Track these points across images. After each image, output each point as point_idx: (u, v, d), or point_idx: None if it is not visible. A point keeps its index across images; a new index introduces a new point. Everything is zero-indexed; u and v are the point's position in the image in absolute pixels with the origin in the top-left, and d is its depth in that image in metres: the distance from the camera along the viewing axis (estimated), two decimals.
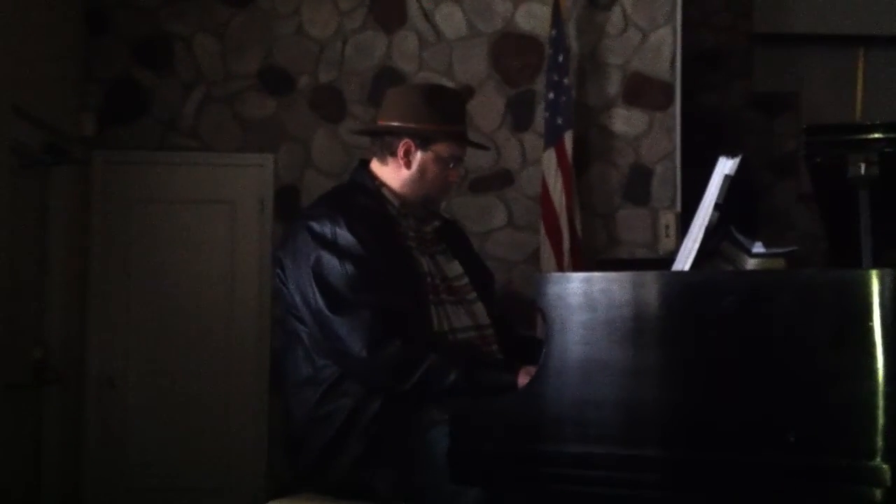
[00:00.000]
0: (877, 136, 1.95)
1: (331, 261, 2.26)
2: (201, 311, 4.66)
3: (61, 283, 4.40)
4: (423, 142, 2.41)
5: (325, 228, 2.29)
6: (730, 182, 1.99)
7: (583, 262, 4.43)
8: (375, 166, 2.48)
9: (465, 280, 2.44)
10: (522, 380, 2.10)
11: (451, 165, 2.43)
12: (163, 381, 4.64)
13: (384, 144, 2.45)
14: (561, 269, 4.38)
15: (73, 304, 4.53)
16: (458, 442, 1.94)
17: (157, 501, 4.57)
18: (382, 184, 2.44)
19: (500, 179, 4.74)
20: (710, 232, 1.99)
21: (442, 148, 2.41)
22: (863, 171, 1.92)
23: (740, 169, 2.03)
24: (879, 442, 1.66)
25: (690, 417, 1.82)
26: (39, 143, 4.23)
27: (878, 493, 1.64)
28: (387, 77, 4.68)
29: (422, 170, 2.41)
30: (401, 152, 2.41)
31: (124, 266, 4.68)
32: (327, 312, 2.24)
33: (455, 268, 2.44)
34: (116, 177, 4.71)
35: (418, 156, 2.41)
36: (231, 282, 4.71)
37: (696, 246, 1.96)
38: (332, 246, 2.27)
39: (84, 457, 4.60)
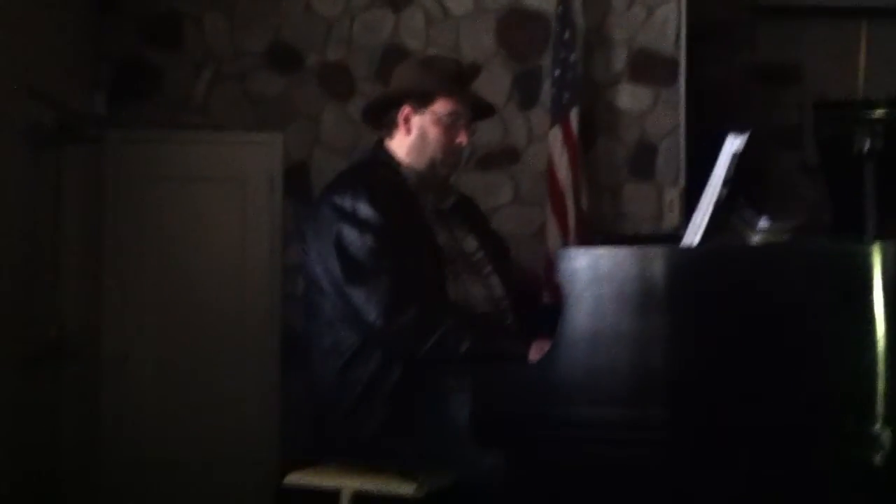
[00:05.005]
0: (882, 111, 2.01)
1: (351, 232, 2.33)
2: (213, 288, 4.72)
3: (76, 262, 4.46)
4: (419, 104, 2.48)
5: (346, 202, 2.36)
6: (738, 159, 2.05)
7: (588, 237, 4.48)
8: (389, 142, 2.55)
9: (482, 254, 2.50)
10: (535, 353, 2.17)
11: (453, 123, 2.48)
12: (176, 357, 4.71)
13: (388, 119, 2.53)
14: (567, 244, 4.44)
15: (88, 281, 4.59)
16: (479, 406, 2.02)
17: (172, 474, 4.65)
18: (400, 160, 2.51)
19: (507, 156, 4.79)
20: (719, 207, 2.05)
21: (439, 106, 2.48)
22: (868, 145, 1.98)
23: (747, 144, 2.09)
24: (880, 408, 1.73)
25: (699, 384, 1.89)
26: (53, 122, 4.27)
27: (879, 457, 1.71)
28: (394, 54, 4.70)
29: (422, 133, 2.49)
30: (401, 120, 2.49)
31: (138, 243, 4.73)
32: (345, 283, 2.31)
33: (471, 242, 2.50)
34: (128, 155, 4.75)
35: (416, 120, 2.49)
36: (242, 258, 4.76)
37: (706, 221, 2.02)
38: (352, 218, 2.34)
39: (101, 431, 4.68)
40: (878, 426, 1.72)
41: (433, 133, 2.47)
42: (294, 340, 4.57)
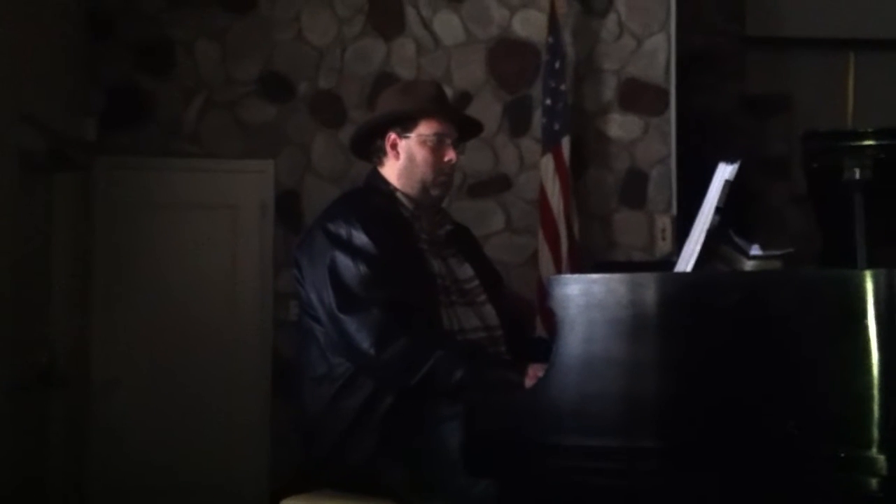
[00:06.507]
0: (870, 142, 2.03)
1: (345, 261, 2.33)
2: (204, 315, 4.71)
3: (65, 288, 4.44)
4: (403, 128, 2.49)
5: (341, 229, 2.37)
6: (729, 187, 2.06)
7: (580, 265, 4.49)
8: (382, 170, 2.56)
9: (476, 282, 2.50)
10: (531, 378, 2.16)
11: (439, 143, 2.49)
12: (166, 384, 4.68)
13: (377, 149, 2.55)
14: (559, 272, 4.45)
15: (78, 308, 4.57)
16: (471, 435, 2.01)
17: (161, 501, 4.62)
18: (395, 188, 2.52)
19: (498, 184, 4.81)
20: (711, 235, 2.05)
21: (423, 128, 2.49)
22: (858, 175, 2.00)
23: (738, 174, 2.10)
24: (875, 433, 1.73)
25: (692, 411, 1.89)
26: (43, 148, 4.27)
27: (874, 483, 1.72)
28: (385, 83, 4.71)
29: (410, 156, 2.50)
30: (388, 147, 2.51)
31: (127, 270, 4.72)
32: (338, 311, 2.31)
33: (466, 270, 2.50)
34: (119, 182, 4.75)
35: (403, 144, 2.51)
36: (233, 285, 4.76)
37: (698, 248, 2.03)
38: (346, 246, 2.34)
39: (88, 458, 4.64)
40: (873, 451, 1.73)
41: (420, 155, 2.49)
42: (285, 367, 4.56)
